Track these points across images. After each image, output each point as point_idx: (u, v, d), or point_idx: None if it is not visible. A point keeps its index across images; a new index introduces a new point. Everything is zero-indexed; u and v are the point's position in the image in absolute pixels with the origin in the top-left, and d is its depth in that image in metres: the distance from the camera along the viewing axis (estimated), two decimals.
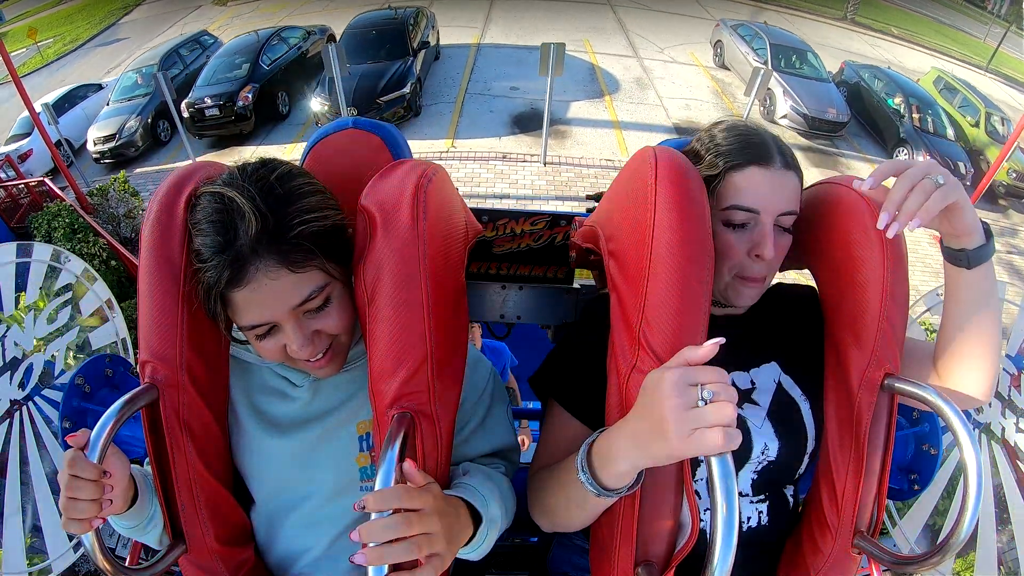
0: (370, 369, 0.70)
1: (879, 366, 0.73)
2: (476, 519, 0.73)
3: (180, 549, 0.76)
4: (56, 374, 1.24)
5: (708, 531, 0.57)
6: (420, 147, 7.93)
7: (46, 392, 1.23)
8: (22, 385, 1.23)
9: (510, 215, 1.21)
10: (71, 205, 4.98)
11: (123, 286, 4.76)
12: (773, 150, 0.79)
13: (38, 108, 6.74)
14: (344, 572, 0.85)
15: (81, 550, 1.12)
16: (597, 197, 1.01)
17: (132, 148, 8.24)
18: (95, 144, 8.18)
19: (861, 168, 8.70)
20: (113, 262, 4.75)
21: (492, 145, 8.13)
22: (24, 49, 12.32)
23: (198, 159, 0.81)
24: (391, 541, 0.57)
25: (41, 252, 1.31)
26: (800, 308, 0.93)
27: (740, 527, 0.81)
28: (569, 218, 1.20)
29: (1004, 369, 1.26)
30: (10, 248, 1.31)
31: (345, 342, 0.78)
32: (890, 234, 0.68)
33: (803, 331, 0.89)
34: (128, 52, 11.25)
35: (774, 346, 0.89)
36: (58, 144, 7.46)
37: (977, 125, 9.28)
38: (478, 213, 1.15)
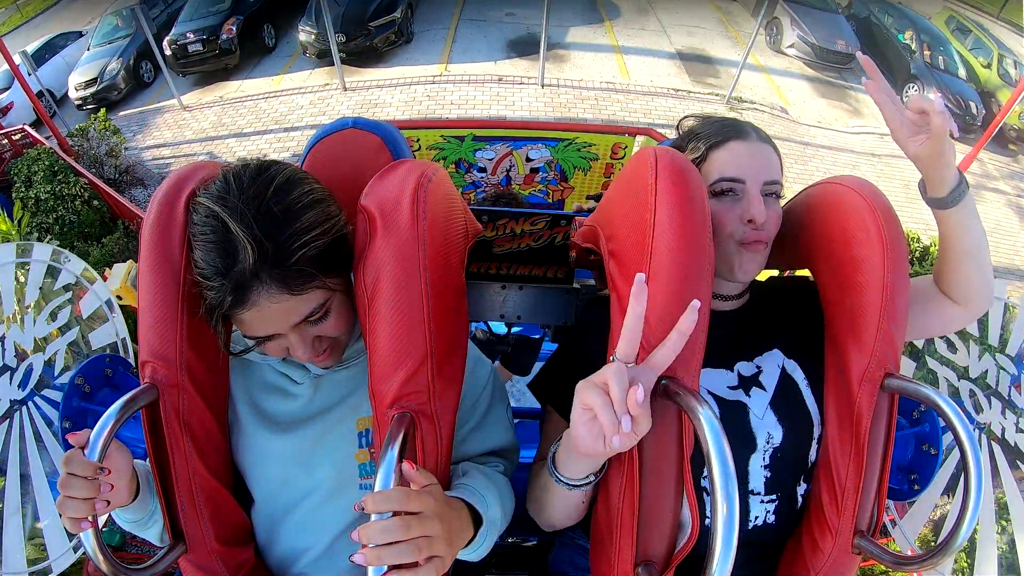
0: (370, 369, 0.70)
1: (879, 366, 0.73)
2: (476, 520, 0.73)
3: (180, 549, 0.76)
4: (56, 374, 1.24)
5: (710, 527, 0.57)
6: (412, 72, 7.68)
7: (46, 392, 1.23)
8: (22, 385, 1.23)
9: (510, 215, 1.21)
10: (51, 148, 4.86)
11: (105, 225, 4.73)
12: (748, 127, 0.87)
13: (17, 59, 6.47)
14: (344, 571, 0.85)
15: (81, 550, 1.12)
16: (597, 197, 1.01)
17: (114, 91, 7.88)
18: (76, 90, 7.85)
19: (868, 101, 8.30)
20: (95, 202, 4.70)
21: (487, 69, 7.81)
22: (3, 9, 11.87)
23: (196, 161, 0.80)
24: (391, 543, 0.57)
25: (41, 252, 1.31)
26: (797, 296, 0.94)
27: (744, 525, 0.81)
28: (569, 218, 1.20)
29: (1004, 369, 1.26)
30: (10, 248, 1.31)
31: (345, 340, 0.80)
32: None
33: (802, 317, 0.90)
34: (109, 1, 10.69)
35: (775, 333, 0.90)
36: (40, 95, 7.15)
37: (989, 67, 8.90)
38: (478, 213, 1.15)
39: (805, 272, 0.95)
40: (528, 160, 3.00)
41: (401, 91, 7.33)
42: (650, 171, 0.69)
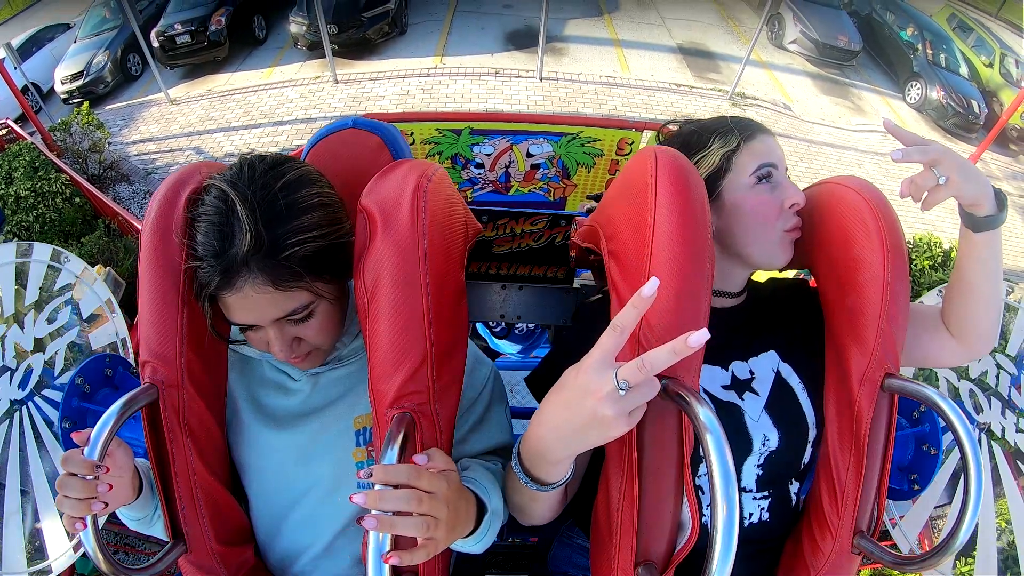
0: (370, 369, 0.70)
1: (880, 366, 0.73)
2: (479, 511, 0.73)
3: (180, 549, 0.76)
4: (56, 374, 1.24)
5: (709, 527, 0.57)
6: (406, 65, 7.52)
7: (46, 392, 1.23)
8: (22, 385, 1.23)
9: (510, 215, 1.22)
10: (32, 144, 4.71)
11: (88, 223, 4.61)
12: (762, 124, 0.90)
13: (1, 53, 6.31)
14: (343, 569, 0.85)
15: (81, 550, 1.12)
16: (597, 197, 1.01)
17: (101, 84, 7.65)
18: (62, 83, 7.64)
19: (871, 99, 8.36)
20: (77, 199, 4.57)
21: (484, 62, 7.54)
22: None
23: (197, 162, 0.80)
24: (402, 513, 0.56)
25: (41, 252, 1.31)
26: (795, 298, 0.95)
27: (741, 523, 0.81)
28: (569, 218, 1.20)
29: (1004, 369, 1.26)
30: (10, 248, 1.31)
31: (326, 349, 0.80)
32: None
33: (799, 320, 0.90)
34: None
35: (772, 335, 0.90)
36: (25, 90, 6.97)
37: (991, 66, 8.84)
38: (478, 213, 1.15)
39: (805, 272, 0.95)
40: (529, 156, 2.82)
41: (395, 84, 7.17)
42: (650, 171, 0.69)
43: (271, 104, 7.02)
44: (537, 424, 0.64)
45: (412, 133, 2.66)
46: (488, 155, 2.80)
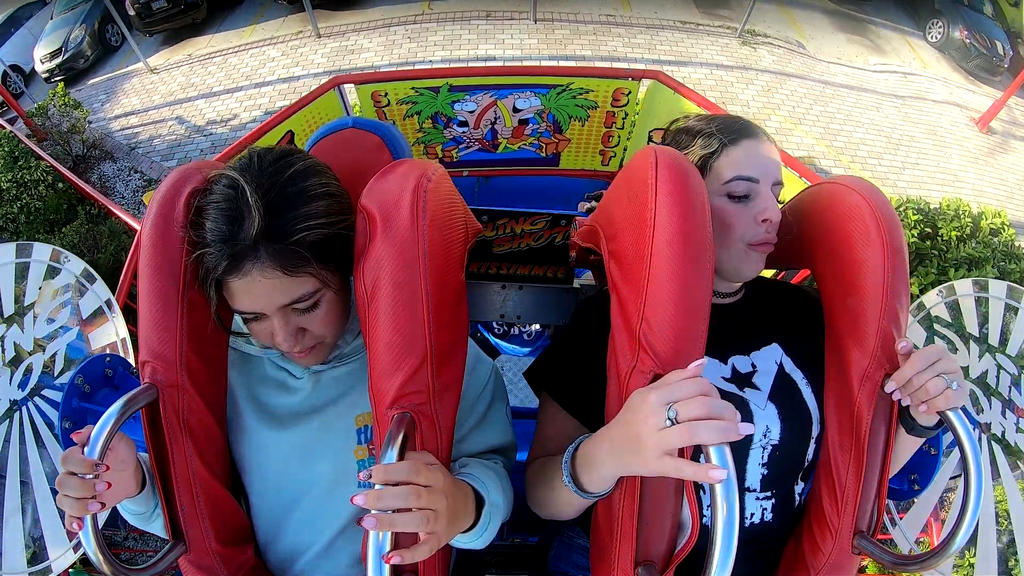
0: (370, 369, 0.70)
1: (880, 366, 0.73)
2: (478, 506, 0.73)
3: (180, 549, 0.76)
4: (56, 374, 1.24)
5: (709, 527, 0.57)
6: (391, 13, 7.11)
7: (46, 392, 1.23)
8: (22, 385, 1.23)
9: (510, 215, 1.22)
10: (11, 132, 4.55)
11: (73, 208, 4.48)
12: (757, 127, 0.87)
13: None
14: (343, 569, 0.85)
15: (81, 550, 1.12)
16: (597, 197, 1.01)
17: (81, 59, 7.40)
18: (42, 62, 7.39)
19: (891, 38, 7.71)
20: (60, 184, 4.43)
21: (474, 5, 7.05)
22: None
23: (196, 161, 0.81)
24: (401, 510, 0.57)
25: (41, 252, 1.31)
26: (794, 299, 0.95)
27: (743, 523, 0.81)
28: (569, 218, 1.20)
29: (1004, 369, 1.26)
30: (10, 248, 1.31)
31: (330, 342, 0.80)
32: (896, 396, 0.72)
33: (803, 318, 0.90)
34: None
35: (775, 329, 0.90)
36: (5, 75, 6.90)
37: (1017, 5, 8.28)
38: (478, 213, 1.16)
39: (805, 272, 0.95)
40: (515, 111, 2.55)
41: (380, 34, 6.81)
42: (650, 171, 0.69)
43: (252, 65, 6.70)
44: (600, 433, 0.68)
45: (386, 94, 2.46)
46: (471, 112, 2.56)
